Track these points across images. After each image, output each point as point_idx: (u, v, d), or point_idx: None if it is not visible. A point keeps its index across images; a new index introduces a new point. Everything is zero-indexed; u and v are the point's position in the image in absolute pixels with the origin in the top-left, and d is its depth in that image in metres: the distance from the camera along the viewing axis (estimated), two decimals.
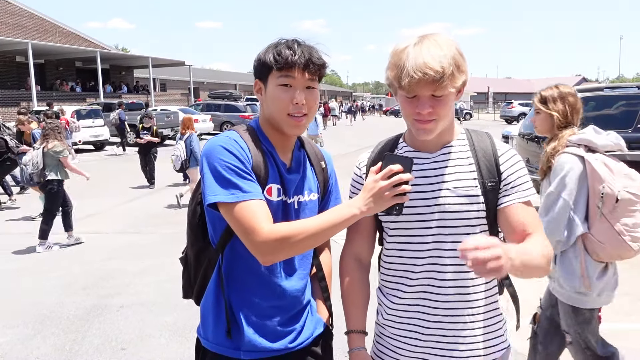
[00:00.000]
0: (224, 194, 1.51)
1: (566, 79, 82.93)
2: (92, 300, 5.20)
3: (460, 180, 1.58)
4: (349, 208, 1.50)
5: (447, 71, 1.45)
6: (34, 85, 27.91)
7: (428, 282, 1.59)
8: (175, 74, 49.81)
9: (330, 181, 1.85)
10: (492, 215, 1.59)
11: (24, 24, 32.78)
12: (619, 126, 7.51)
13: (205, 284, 1.72)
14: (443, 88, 1.46)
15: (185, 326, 4.47)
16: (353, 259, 1.75)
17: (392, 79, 1.52)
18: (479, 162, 1.59)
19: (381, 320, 1.72)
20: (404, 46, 1.51)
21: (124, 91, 36.77)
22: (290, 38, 1.65)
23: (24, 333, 4.49)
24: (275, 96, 1.61)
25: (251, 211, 1.50)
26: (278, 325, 1.67)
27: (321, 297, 1.86)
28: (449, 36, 1.54)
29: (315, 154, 1.83)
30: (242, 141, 1.60)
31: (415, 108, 1.50)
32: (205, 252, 1.70)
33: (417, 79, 1.44)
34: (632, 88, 7.95)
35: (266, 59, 1.61)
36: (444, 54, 1.46)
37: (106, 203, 10.33)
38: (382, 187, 1.45)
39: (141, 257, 6.68)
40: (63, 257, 6.76)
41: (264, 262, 1.54)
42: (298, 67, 1.58)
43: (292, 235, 1.48)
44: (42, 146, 7.16)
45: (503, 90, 78.07)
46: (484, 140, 1.64)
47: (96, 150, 21.36)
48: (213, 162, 1.55)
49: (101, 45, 37.85)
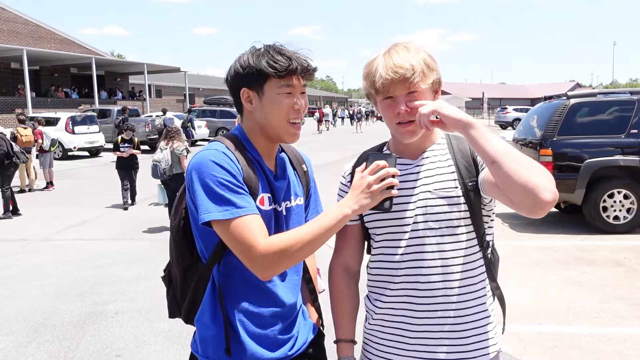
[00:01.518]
0: (217, 211, 1.48)
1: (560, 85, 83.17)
2: (86, 307, 5.18)
3: (441, 182, 1.61)
4: (340, 209, 1.50)
5: (418, 68, 1.54)
6: (29, 92, 27.85)
7: (412, 285, 1.60)
8: (170, 80, 49.82)
9: (311, 184, 1.85)
10: (478, 215, 1.61)
11: (18, 30, 32.73)
12: (612, 132, 7.58)
13: (196, 301, 1.68)
14: (416, 84, 1.54)
15: (181, 333, 4.46)
16: (342, 269, 1.77)
17: (368, 86, 1.62)
18: (457, 163, 1.63)
19: (368, 326, 1.73)
20: (375, 56, 1.62)
21: (119, 97, 36.73)
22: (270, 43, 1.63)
23: (18, 340, 4.47)
24: (276, 104, 1.58)
25: (247, 227, 1.47)
26: (278, 333, 1.66)
27: (309, 300, 1.87)
28: (421, 44, 1.63)
29: (296, 157, 1.82)
30: (231, 153, 1.57)
31: (395, 109, 1.57)
32: (194, 268, 1.66)
33: (389, 78, 1.53)
34: (625, 94, 8.00)
35: (261, 67, 1.57)
36: (412, 55, 1.56)
37: (101, 209, 10.29)
38: (370, 182, 1.47)
39: (136, 263, 6.66)
40: (58, 263, 6.73)
41: (264, 277, 1.52)
42: (296, 73, 1.58)
43: (289, 247, 1.47)
44: (168, 146, 8.23)
45: (498, 95, 78.31)
46: (462, 143, 1.68)
47: (91, 157, 21.30)
48: (204, 177, 1.50)
49: (96, 52, 37.82)
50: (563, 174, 7.56)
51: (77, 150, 20.34)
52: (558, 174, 7.54)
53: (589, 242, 7.10)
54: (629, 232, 7.46)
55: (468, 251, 1.61)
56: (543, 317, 4.64)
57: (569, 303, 4.96)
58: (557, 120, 7.62)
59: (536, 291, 5.33)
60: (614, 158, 7.47)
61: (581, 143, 7.57)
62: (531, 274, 5.87)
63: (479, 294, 1.63)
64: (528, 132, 8.40)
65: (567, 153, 7.61)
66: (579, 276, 5.74)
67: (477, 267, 1.63)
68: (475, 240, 1.62)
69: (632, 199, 7.48)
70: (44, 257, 7.07)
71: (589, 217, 7.62)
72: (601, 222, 7.54)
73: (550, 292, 5.30)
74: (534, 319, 4.62)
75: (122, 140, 10.72)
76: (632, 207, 7.48)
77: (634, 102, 7.58)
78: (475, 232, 1.61)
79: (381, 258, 1.67)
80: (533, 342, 4.15)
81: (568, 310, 4.79)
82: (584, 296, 5.14)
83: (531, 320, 4.59)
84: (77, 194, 12.35)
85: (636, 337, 4.20)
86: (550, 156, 7.56)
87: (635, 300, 4.98)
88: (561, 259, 6.42)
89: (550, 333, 4.32)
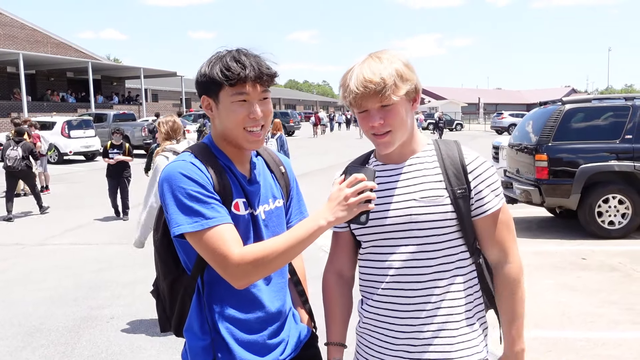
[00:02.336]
0: (187, 223, 1.48)
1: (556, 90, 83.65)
2: (82, 312, 5.17)
3: (427, 190, 1.59)
4: (314, 221, 1.49)
5: (389, 81, 1.51)
6: (25, 96, 27.80)
7: (399, 292, 1.60)
8: (167, 85, 49.84)
9: (292, 185, 1.83)
10: (467, 222, 1.60)
11: (15, 34, 32.72)
12: (607, 137, 7.62)
13: (184, 313, 1.68)
14: (387, 98, 1.52)
15: (176, 338, 4.43)
16: (335, 275, 1.78)
17: (342, 99, 1.61)
18: (446, 170, 1.61)
19: (359, 329, 1.74)
20: (350, 67, 1.59)
21: (115, 101, 36.71)
22: (233, 48, 1.60)
23: (13, 345, 4.45)
24: (230, 113, 1.56)
25: (219, 237, 1.47)
26: (267, 338, 1.66)
27: (299, 302, 1.87)
28: (397, 52, 1.60)
29: (272, 159, 1.81)
30: (199, 162, 1.56)
31: (369, 122, 1.57)
32: (180, 280, 1.65)
33: (359, 93, 1.52)
34: (620, 99, 8.04)
35: (214, 74, 1.54)
36: (384, 67, 1.53)
37: (97, 214, 10.27)
38: (347, 195, 1.46)
39: (132, 268, 6.65)
40: (53, 268, 6.71)
41: (239, 286, 1.52)
42: (250, 80, 1.54)
43: (264, 257, 1.47)
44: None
45: (494, 101, 78.63)
46: (451, 149, 1.66)
47: (87, 161, 21.27)
48: (173, 190, 1.50)
49: (93, 56, 37.82)
50: (558, 179, 7.60)
51: (72, 155, 20.31)
52: (553, 179, 7.58)
53: (584, 247, 7.12)
54: (624, 237, 7.48)
55: (456, 257, 1.61)
56: (538, 322, 4.65)
57: (564, 308, 4.98)
58: (553, 125, 7.66)
59: (531, 296, 5.33)
60: (609, 163, 7.50)
61: (576, 148, 7.60)
62: (527, 278, 5.84)
63: (467, 300, 1.62)
64: (523, 138, 8.43)
65: (562, 158, 7.64)
66: (574, 281, 5.76)
67: (466, 273, 1.63)
68: (465, 247, 1.62)
69: (627, 204, 7.51)
70: (39, 261, 7.05)
71: (584, 222, 7.64)
72: (596, 227, 7.56)
73: (546, 296, 5.31)
74: (529, 324, 4.62)
75: (112, 145, 9.86)
76: (627, 212, 7.51)
77: (629, 108, 7.62)
78: (464, 238, 1.61)
79: (368, 264, 1.68)
80: (528, 347, 4.13)
81: (563, 315, 4.81)
82: (579, 301, 5.15)
83: (526, 325, 4.55)
84: (73, 198, 12.32)
85: (631, 341, 4.22)
86: (545, 161, 7.59)
87: (630, 305, 5.00)
88: (556, 263, 6.44)
89: (546, 338, 4.33)
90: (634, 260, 6.47)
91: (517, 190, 8.06)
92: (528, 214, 9.22)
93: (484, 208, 1.60)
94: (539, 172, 7.64)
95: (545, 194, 7.63)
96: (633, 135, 7.48)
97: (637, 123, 7.50)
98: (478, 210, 1.61)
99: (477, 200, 1.61)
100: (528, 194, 7.81)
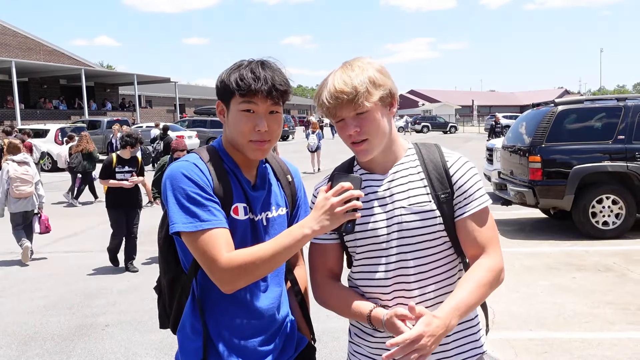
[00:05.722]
0: (182, 222, 1.51)
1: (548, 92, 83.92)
2: (77, 320, 5.14)
3: (414, 197, 1.60)
4: (300, 229, 1.49)
5: (360, 89, 1.52)
6: (18, 104, 27.70)
7: (398, 300, 1.59)
8: (161, 91, 49.74)
9: (299, 194, 1.83)
10: (452, 227, 1.61)
11: (7, 42, 32.62)
12: (600, 138, 7.66)
13: (180, 312, 1.70)
14: (361, 105, 1.53)
15: (172, 344, 4.43)
16: (326, 276, 1.71)
17: (319, 111, 1.63)
18: (429, 175, 1.62)
19: (354, 339, 1.73)
20: (326, 76, 1.61)
21: (108, 108, 36.62)
22: (257, 59, 1.62)
23: (7, 354, 4.42)
24: (237, 122, 1.59)
25: (210, 240, 1.49)
26: (258, 345, 1.66)
27: (299, 313, 1.85)
28: (370, 59, 1.62)
29: (280, 167, 1.81)
30: (203, 164, 1.58)
31: (346, 131, 1.57)
32: (178, 279, 1.68)
33: (332, 104, 1.54)
34: (612, 100, 8.09)
35: (229, 82, 1.58)
36: (355, 75, 1.54)
37: (91, 221, 10.23)
38: (334, 204, 1.46)
39: (127, 275, 6.63)
40: (48, 276, 6.68)
41: (225, 290, 1.52)
42: (261, 94, 1.55)
43: (249, 263, 1.48)
44: None
45: (487, 103, 78.92)
46: (432, 153, 1.67)
47: None
48: (174, 190, 1.54)
49: (86, 63, 37.76)
50: (552, 180, 7.63)
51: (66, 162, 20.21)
52: (547, 180, 7.61)
53: (579, 248, 7.14)
54: (618, 238, 7.51)
55: (445, 260, 1.62)
56: (534, 323, 4.66)
57: (559, 308, 4.99)
58: (545, 127, 7.70)
59: (527, 297, 5.35)
60: (602, 164, 7.54)
61: (569, 149, 7.64)
62: (521, 280, 5.90)
63: None
64: (517, 139, 8.47)
65: (556, 159, 7.67)
66: (569, 282, 5.78)
67: (455, 274, 1.66)
68: (452, 250, 1.64)
69: (621, 204, 7.54)
70: (33, 269, 7.01)
71: (578, 223, 7.67)
72: (590, 227, 7.59)
73: (541, 297, 5.32)
74: (524, 325, 4.64)
75: (120, 160, 6.63)
76: (621, 212, 7.55)
77: (621, 109, 7.67)
78: (451, 242, 1.62)
79: (363, 276, 1.66)
80: (524, 348, 4.17)
81: (558, 316, 4.82)
82: (574, 301, 5.17)
83: (522, 326, 4.61)
84: (66, 205, 12.27)
85: (626, 341, 4.23)
86: (539, 163, 7.62)
87: (625, 305, 5.02)
88: (551, 264, 6.45)
89: (541, 339, 4.34)
90: (629, 260, 6.49)
91: (512, 191, 8.09)
92: (522, 216, 9.25)
93: (466, 208, 1.60)
94: (533, 173, 7.67)
95: (539, 195, 7.66)
96: (625, 135, 7.52)
97: (629, 123, 7.55)
98: (460, 211, 1.61)
99: (460, 201, 1.61)
100: (522, 196, 7.84)
